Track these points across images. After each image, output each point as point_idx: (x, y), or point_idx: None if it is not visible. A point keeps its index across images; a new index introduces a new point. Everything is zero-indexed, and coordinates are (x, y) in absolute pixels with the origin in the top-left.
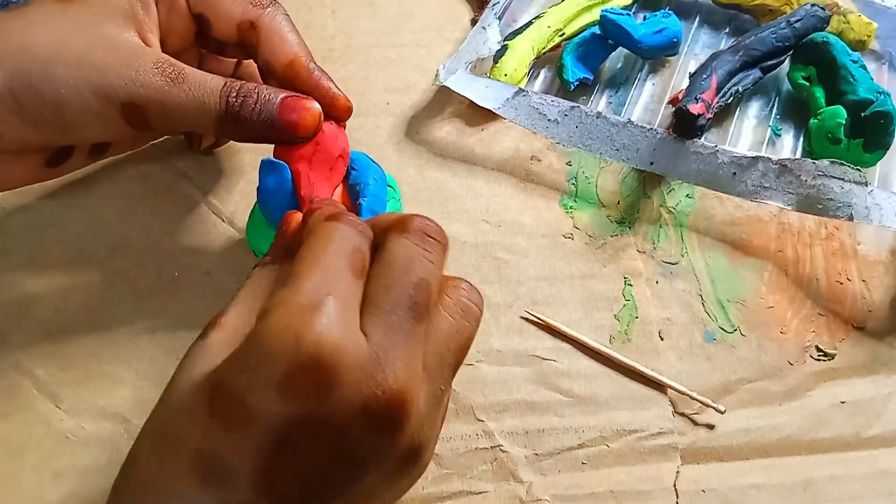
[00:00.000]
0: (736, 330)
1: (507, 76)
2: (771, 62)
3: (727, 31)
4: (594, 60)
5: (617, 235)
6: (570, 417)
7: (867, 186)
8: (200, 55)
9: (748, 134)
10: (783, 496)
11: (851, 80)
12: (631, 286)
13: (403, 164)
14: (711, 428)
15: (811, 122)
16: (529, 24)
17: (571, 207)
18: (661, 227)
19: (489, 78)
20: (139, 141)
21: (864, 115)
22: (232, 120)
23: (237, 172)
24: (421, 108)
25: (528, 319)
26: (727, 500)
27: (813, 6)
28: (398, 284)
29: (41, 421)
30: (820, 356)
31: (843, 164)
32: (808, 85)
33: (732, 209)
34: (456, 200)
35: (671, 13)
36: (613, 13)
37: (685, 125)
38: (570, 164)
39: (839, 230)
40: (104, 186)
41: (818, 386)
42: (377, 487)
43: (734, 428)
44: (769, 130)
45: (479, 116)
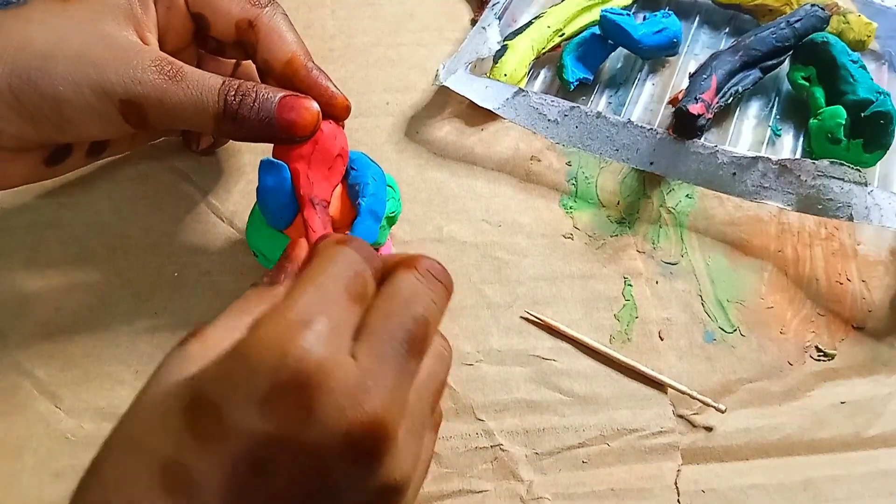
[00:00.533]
0: (736, 330)
1: (506, 76)
2: (771, 62)
3: (727, 31)
4: (594, 60)
5: (617, 235)
6: (570, 417)
7: (867, 186)
8: (199, 56)
9: (748, 134)
10: (783, 496)
11: (851, 80)
12: (631, 286)
13: (403, 164)
14: (711, 428)
15: (811, 122)
16: (529, 24)
17: (571, 207)
18: (661, 227)
19: (489, 78)
20: (137, 141)
21: (863, 115)
22: (230, 118)
23: (237, 172)
24: (421, 108)
25: (528, 319)
26: (727, 500)
27: (813, 6)
28: (398, 316)
29: (41, 421)
30: (820, 356)
31: (842, 164)
32: (808, 85)
33: (732, 209)
34: (456, 200)
35: (671, 13)
36: (613, 13)
37: (685, 125)
38: (569, 164)
39: (839, 230)
40: (104, 186)
41: (818, 386)
42: None
43: (734, 428)
44: (769, 130)
45: (478, 116)
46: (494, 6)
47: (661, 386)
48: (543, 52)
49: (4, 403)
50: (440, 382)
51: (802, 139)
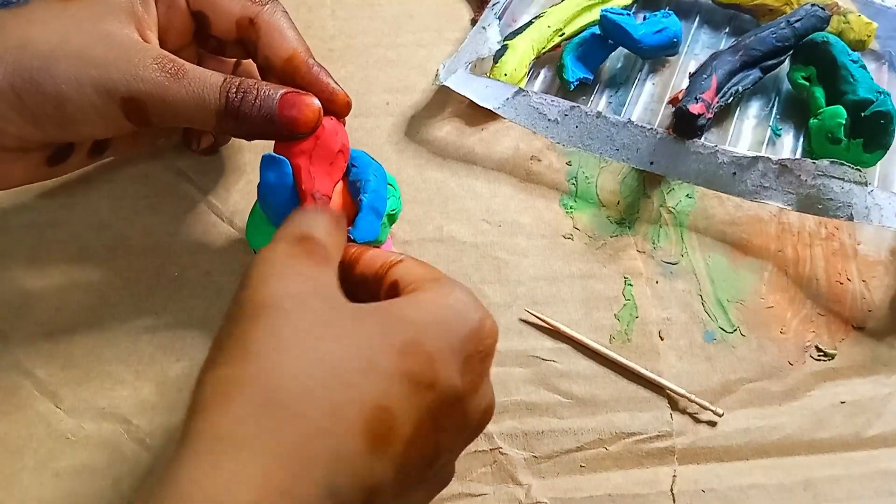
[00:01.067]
0: (736, 330)
1: (507, 76)
2: (771, 62)
3: (727, 31)
4: (594, 60)
5: (617, 235)
6: (568, 419)
7: (867, 186)
8: (199, 55)
9: (748, 134)
10: (783, 496)
11: (851, 80)
12: (631, 286)
13: (403, 163)
14: (712, 427)
15: (811, 122)
16: (529, 24)
17: (571, 207)
18: (661, 227)
19: (489, 78)
20: (139, 142)
21: (864, 115)
22: (232, 115)
23: (237, 172)
24: (421, 108)
25: (527, 320)
26: (727, 500)
27: (813, 6)
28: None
29: (41, 421)
30: (820, 356)
31: (843, 164)
32: (808, 85)
33: (732, 209)
34: (456, 200)
35: (671, 13)
36: (613, 13)
37: (685, 125)
38: (570, 164)
39: (839, 230)
40: (104, 186)
41: (818, 386)
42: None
43: (734, 428)
44: (769, 130)
45: (479, 116)
46: (494, 6)
47: (660, 387)
48: (543, 51)
49: (5, 403)
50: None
51: (802, 139)
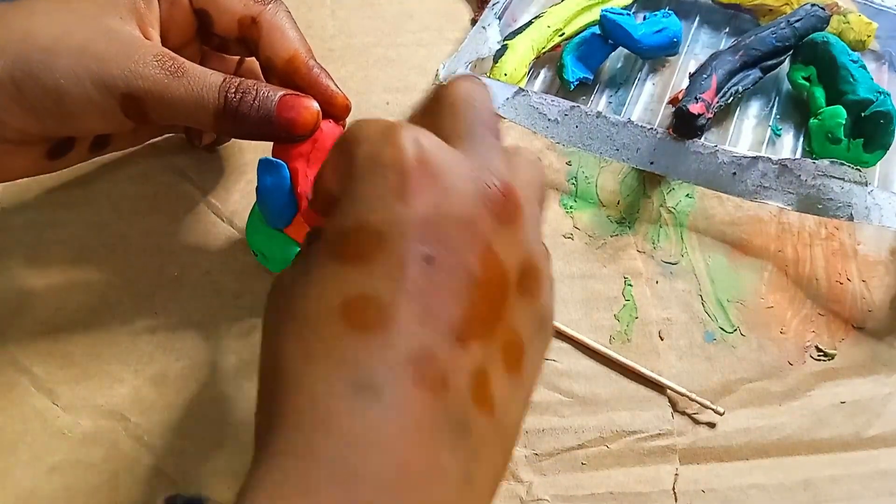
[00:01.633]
0: (736, 330)
1: (506, 76)
2: (771, 62)
3: (727, 31)
4: (594, 60)
5: (617, 235)
6: (569, 418)
7: (867, 186)
8: (203, 52)
9: (748, 134)
10: (783, 496)
11: (851, 80)
12: (631, 286)
13: None
14: (711, 427)
15: (811, 122)
16: (529, 23)
17: (571, 207)
18: (661, 227)
19: (489, 78)
20: (141, 136)
21: (864, 115)
22: (230, 116)
23: (237, 172)
24: None
25: None
26: (727, 500)
27: (813, 6)
28: (471, 115)
29: (37, 417)
30: (820, 356)
31: (843, 164)
32: (808, 85)
33: (732, 209)
34: None
35: (671, 13)
36: (613, 13)
37: (685, 125)
38: (569, 163)
39: (839, 230)
40: (104, 186)
41: (818, 386)
42: None
43: (734, 428)
44: (769, 130)
45: None
46: (494, 6)
47: (660, 387)
48: (543, 51)
49: (1, 399)
50: (541, 183)
51: (802, 139)
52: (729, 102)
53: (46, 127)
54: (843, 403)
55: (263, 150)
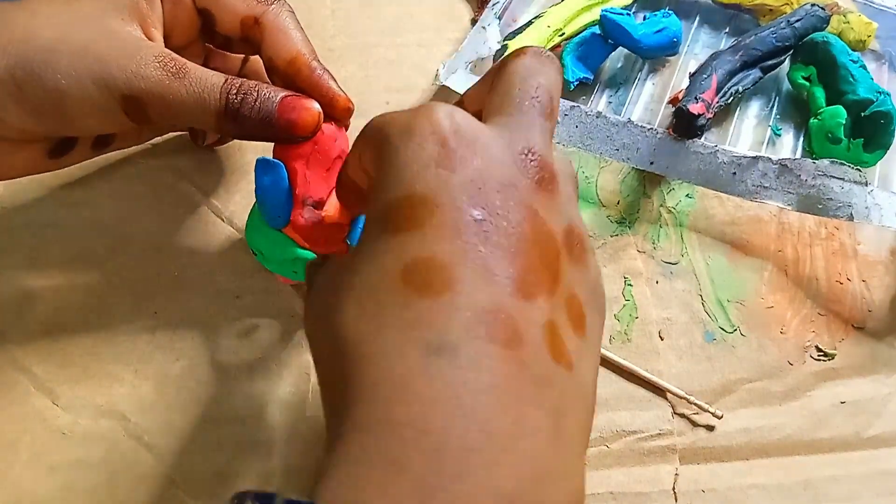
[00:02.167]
0: (736, 330)
1: None
2: (771, 62)
3: (727, 31)
4: (594, 60)
5: (617, 235)
6: None
7: (867, 186)
8: (207, 51)
9: (748, 134)
10: (783, 496)
11: (851, 80)
12: (631, 286)
13: None
14: (711, 428)
15: (811, 121)
16: (529, 23)
17: None
18: (661, 227)
19: None
20: (143, 136)
21: (864, 115)
22: (231, 117)
23: (237, 172)
24: None
25: None
26: (727, 500)
27: (813, 6)
28: (521, 89)
29: (37, 416)
30: (820, 356)
31: (843, 163)
32: (808, 85)
33: (732, 209)
34: None
35: (671, 13)
36: (613, 13)
37: (685, 125)
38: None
39: (839, 230)
40: (104, 186)
41: (818, 386)
42: None
43: (734, 428)
44: (769, 130)
45: None
46: (494, 6)
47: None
48: None
49: (1, 399)
50: (572, 176)
51: (802, 139)
52: (729, 102)
53: (47, 127)
54: (843, 403)
55: (264, 150)
